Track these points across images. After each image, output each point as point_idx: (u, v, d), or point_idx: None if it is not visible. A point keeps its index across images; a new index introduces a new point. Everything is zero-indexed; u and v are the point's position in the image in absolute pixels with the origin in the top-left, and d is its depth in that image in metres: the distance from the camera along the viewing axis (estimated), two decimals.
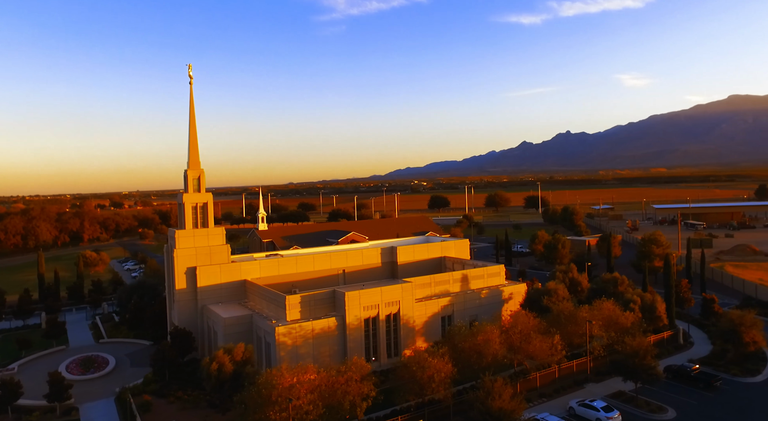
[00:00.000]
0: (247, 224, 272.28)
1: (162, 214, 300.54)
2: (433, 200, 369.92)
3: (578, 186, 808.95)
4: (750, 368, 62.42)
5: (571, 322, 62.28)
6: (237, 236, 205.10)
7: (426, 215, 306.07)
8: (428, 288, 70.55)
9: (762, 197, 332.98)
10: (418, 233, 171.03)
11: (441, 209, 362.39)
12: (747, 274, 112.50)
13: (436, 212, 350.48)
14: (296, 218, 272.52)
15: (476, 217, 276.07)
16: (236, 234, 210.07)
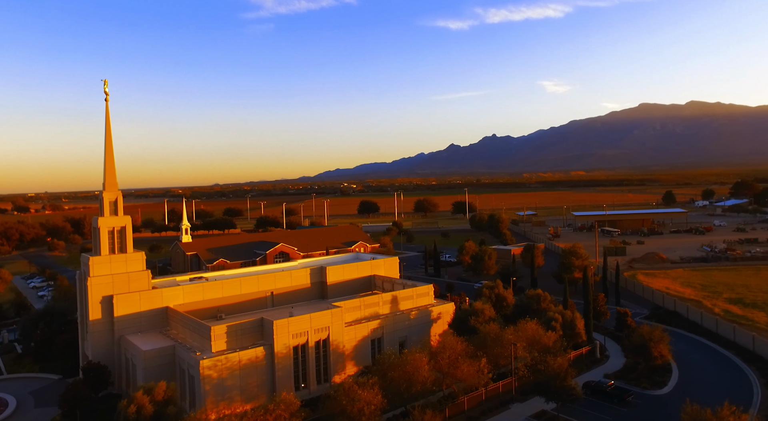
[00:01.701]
0: (169, 232, 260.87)
1: (74, 222, 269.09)
2: (363, 205, 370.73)
3: (504, 189, 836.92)
4: (657, 381, 66.56)
5: (497, 344, 63.95)
6: (159, 246, 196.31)
7: (356, 221, 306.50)
8: (358, 311, 70.20)
9: (669, 203, 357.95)
10: (348, 243, 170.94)
11: (371, 215, 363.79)
12: (655, 282, 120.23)
13: (366, 217, 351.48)
14: (222, 226, 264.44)
15: (405, 223, 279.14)
16: (158, 244, 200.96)
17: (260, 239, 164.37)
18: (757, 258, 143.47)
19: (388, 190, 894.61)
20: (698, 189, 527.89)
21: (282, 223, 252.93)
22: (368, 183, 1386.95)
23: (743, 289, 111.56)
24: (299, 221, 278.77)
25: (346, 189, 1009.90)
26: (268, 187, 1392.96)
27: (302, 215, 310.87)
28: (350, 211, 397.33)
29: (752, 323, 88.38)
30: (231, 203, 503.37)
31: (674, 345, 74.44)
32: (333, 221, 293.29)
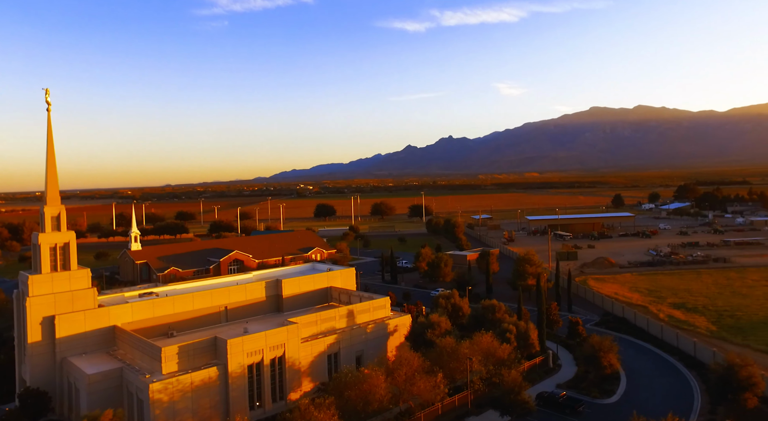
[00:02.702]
0: (117, 237, 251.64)
1: (12, 227, 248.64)
2: (319, 208, 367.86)
3: (460, 191, 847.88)
4: (607, 389, 68.42)
5: (454, 359, 64.39)
6: (106, 254, 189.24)
7: (312, 224, 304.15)
8: (314, 326, 69.34)
9: (618, 206, 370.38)
10: (304, 249, 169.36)
11: (327, 218, 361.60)
12: (605, 287, 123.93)
13: (323, 220, 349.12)
14: (174, 230, 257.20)
15: (362, 227, 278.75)
16: (105, 251, 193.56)
17: (214, 245, 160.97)
18: (699, 262, 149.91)
19: (345, 192, 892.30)
20: (645, 191, 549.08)
21: (237, 227, 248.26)
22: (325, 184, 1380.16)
23: (686, 293, 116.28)
24: (254, 225, 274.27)
25: (302, 191, 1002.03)
26: (223, 188, 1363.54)
27: (257, 219, 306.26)
28: (306, 214, 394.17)
29: (693, 328, 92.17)
30: (183, 205, 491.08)
31: (623, 352, 76.68)
32: (289, 225, 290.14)
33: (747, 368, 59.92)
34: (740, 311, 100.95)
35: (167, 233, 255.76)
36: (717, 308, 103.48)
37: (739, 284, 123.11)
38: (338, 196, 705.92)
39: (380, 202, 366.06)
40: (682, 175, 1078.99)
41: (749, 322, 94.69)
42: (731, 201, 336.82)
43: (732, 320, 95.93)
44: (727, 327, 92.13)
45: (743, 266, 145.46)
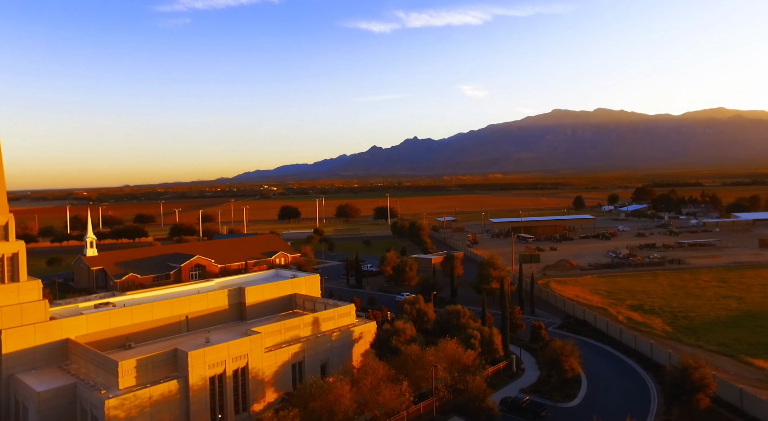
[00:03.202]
0: (72, 241, 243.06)
1: None
2: (284, 210, 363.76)
3: (425, 192, 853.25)
4: (569, 393, 69.58)
5: (419, 366, 64.33)
6: (59, 259, 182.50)
7: (276, 227, 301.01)
8: (278, 335, 68.21)
9: (579, 207, 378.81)
10: (268, 253, 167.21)
11: (291, 220, 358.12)
12: (567, 290, 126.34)
13: (287, 223, 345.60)
14: (132, 234, 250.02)
15: (327, 229, 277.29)
16: (58, 256, 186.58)
17: (174, 250, 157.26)
18: (655, 263, 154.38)
19: (309, 193, 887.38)
20: (605, 193, 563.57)
21: (199, 231, 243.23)
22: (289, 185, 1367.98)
23: (643, 295, 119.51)
24: (217, 228, 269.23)
25: (266, 192, 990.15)
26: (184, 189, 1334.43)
27: (220, 222, 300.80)
28: (270, 216, 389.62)
29: (650, 329, 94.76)
30: (143, 207, 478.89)
31: (584, 355, 78.14)
32: (253, 228, 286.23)
33: (700, 370, 61.74)
34: (693, 312, 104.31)
35: (125, 236, 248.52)
36: (672, 309, 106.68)
37: (692, 285, 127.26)
38: (303, 198, 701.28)
39: (345, 204, 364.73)
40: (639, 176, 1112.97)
41: (701, 322, 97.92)
42: (685, 203, 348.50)
43: (686, 321, 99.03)
44: (682, 328, 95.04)
45: (696, 267, 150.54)
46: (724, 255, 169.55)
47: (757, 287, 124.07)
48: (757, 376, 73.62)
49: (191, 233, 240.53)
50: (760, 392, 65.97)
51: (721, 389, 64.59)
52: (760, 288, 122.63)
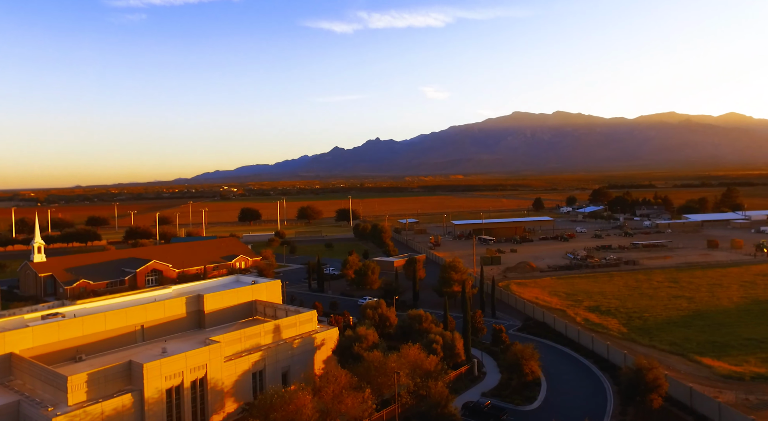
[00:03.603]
0: (17, 245, 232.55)
1: None
2: (244, 212, 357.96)
3: (387, 193, 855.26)
4: (529, 396, 70.58)
5: (381, 373, 64.10)
6: (4, 265, 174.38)
7: (236, 229, 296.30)
8: (238, 344, 66.78)
9: (538, 209, 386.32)
10: (228, 257, 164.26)
11: (252, 222, 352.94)
12: (527, 292, 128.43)
13: (247, 225, 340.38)
14: (84, 237, 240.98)
15: (288, 231, 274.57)
16: (2, 263, 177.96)
17: (130, 254, 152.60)
18: (611, 265, 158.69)
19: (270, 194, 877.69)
20: (563, 194, 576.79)
21: (155, 234, 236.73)
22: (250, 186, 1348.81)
23: (600, 296, 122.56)
24: (175, 231, 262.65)
25: (226, 193, 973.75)
26: (140, 189, 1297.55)
27: (178, 224, 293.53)
28: (230, 218, 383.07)
29: (606, 330, 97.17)
30: (96, 209, 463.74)
31: (544, 357, 79.43)
32: (212, 230, 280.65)
33: (653, 371, 63.76)
34: (647, 312, 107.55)
35: (77, 240, 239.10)
36: (627, 310, 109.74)
37: (646, 286, 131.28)
38: (263, 199, 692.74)
39: (307, 205, 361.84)
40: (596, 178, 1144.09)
41: (654, 323, 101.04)
42: (639, 204, 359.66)
43: (640, 321, 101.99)
44: (636, 328, 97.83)
45: (650, 267, 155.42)
46: (675, 256, 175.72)
47: (705, 287, 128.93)
48: (705, 374, 76.42)
49: (147, 236, 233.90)
50: (708, 390, 68.72)
51: (673, 388, 66.77)
52: (708, 288, 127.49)
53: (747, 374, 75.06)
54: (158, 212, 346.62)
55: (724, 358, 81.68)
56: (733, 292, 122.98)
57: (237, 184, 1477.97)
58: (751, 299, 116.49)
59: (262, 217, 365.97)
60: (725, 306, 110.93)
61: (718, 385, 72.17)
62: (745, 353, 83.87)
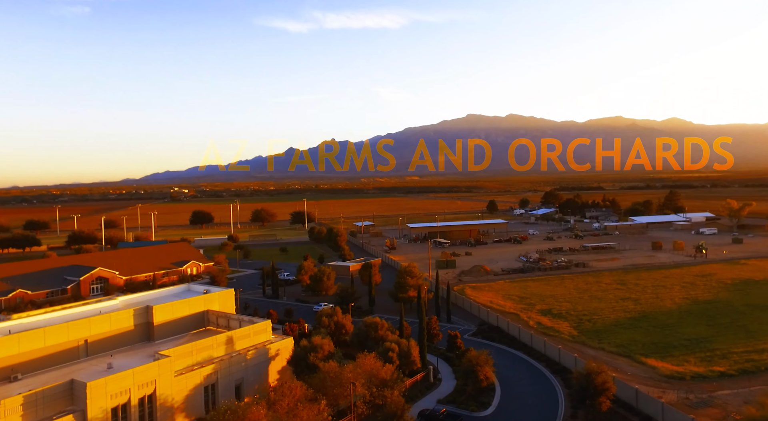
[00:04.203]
0: None
1: None
2: (195, 215, 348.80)
3: (342, 195, 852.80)
4: (483, 402, 71.36)
5: (337, 384, 63.47)
6: None
7: (188, 233, 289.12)
8: (190, 357, 64.79)
9: (492, 211, 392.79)
10: (179, 263, 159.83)
11: (204, 225, 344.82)
12: (482, 296, 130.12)
13: (199, 228, 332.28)
14: (22, 243, 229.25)
15: (242, 235, 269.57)
16: None
17: (73, 261, 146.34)
18: (563, 267, 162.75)
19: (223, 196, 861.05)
20: (516, 196, 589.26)
21: (101, 238, 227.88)
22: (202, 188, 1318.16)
23: (552, 299, 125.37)
24: (122, 235, 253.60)
25: (177, 194, 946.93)
26: (84, 191, 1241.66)
27: (125, 228, 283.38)
28: (181, 221, 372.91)
29: (558, 333, 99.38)
30: (35, 212, 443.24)
31: (498, 362, 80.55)
32: (162, 234, 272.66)
33: (602, 375, 65.65)
34: (596, 315, 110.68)
35: (13, 246, 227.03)
36: (578, 313, 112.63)
37: (595, 288, 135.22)
38: (216, 201, 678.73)
39: (261, 208, 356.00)
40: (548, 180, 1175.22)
41: (603, 325, 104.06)
42: (589, 207, 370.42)
43: (590, 324, 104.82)
44: (586, 331, 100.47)
45: (599, 270, 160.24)
46: (622, 257, 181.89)
47: (650, 288, 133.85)
48: (650, 374, 79.16)
49: (92, 241, 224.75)
50: (652, 390, 71.26)
51: (620, 390, 68.84)
52: (653, 289, 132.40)
53: (687, 374, 78.20)
54: (104, 214, 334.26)
55: (667, 358, 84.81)
56: (675, 293, 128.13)
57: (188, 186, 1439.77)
58: (692, 299, 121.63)
59: (215, 220, 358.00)
60: (668, 307, 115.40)
61: (662, 385, 74.87)
62: (686, 352, 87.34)
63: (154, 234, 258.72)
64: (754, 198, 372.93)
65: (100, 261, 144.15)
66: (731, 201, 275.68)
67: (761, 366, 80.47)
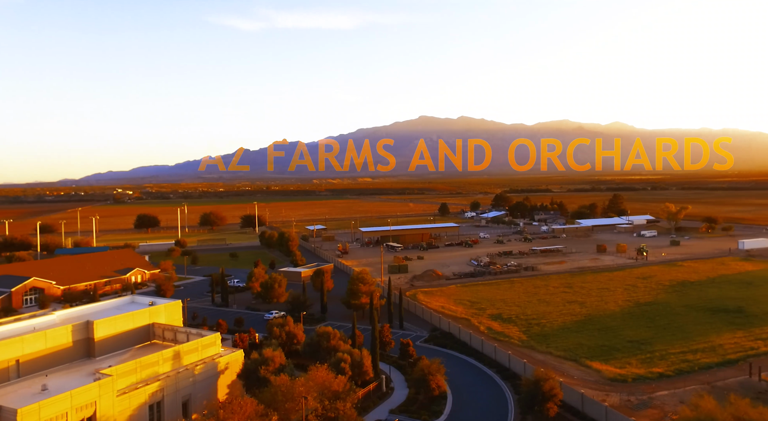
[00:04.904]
0: None
1: None
2: (140, 219, 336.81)
3: (294, 197, 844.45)
4: (435, 411, 71.71)
5: (289, 398, 62.38)
6: None
7: (132, 237, 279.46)
8: (134, 375, 62.15)
9: (444, 214, 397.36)
10: (122, 271, 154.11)
11: (150, 229, 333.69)
12: (433, 301, 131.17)
13: (144, 233, 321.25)
14: None
15: (190, 239, 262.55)
16: None
17: (4, 271, 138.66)
18: (512, 271, 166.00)
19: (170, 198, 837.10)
20: (468, 198, 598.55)
21: (36, 245, 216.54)
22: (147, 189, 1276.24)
23: (502, 303, 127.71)
24: (60, 241, 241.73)
25: (120, 196, 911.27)
26: (17, 192, 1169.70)
27: (63, 233, 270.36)
28: (125, 225, 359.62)
29: (508, 339, 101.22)
30: None
31: (450, 369, 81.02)
32: (104, 239, 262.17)
33: (549, 382, 67.37)
34: (544, 319, 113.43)
35: None
36: (527, 317, 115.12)
37: (543, 292, 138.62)
38: (163, 203, 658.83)
39: (210, 211, 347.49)
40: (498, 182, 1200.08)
41: (551, 329, 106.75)
42: (537, 210, 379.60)
43: (538, 328, 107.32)
44: (535, 335, 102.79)
45: (547, 273, 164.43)
46: (569, 260, 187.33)
47: (595, 291, 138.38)
48: (594, 378, 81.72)
49: (26, 247, 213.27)
50: (596, 394, 73.61)
51: (567, 395, 70.73)
52: (598, 292, 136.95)
53: (629, 376, 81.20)
54: (39, 218, 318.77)
55: (610, 361, 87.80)
56: (618, 295, 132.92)
57: (133, 187, 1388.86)
58: (633, 302, 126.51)
59: (161, 223, 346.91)
60: (612, 310, 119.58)
61: (606, 388, 77.40)
62: (628, 355, 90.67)
63: (95, 239, 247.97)
64: (690, 201, 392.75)
65: (35, 270, 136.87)
66: (669, 204, 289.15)
67: (695, 366, 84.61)
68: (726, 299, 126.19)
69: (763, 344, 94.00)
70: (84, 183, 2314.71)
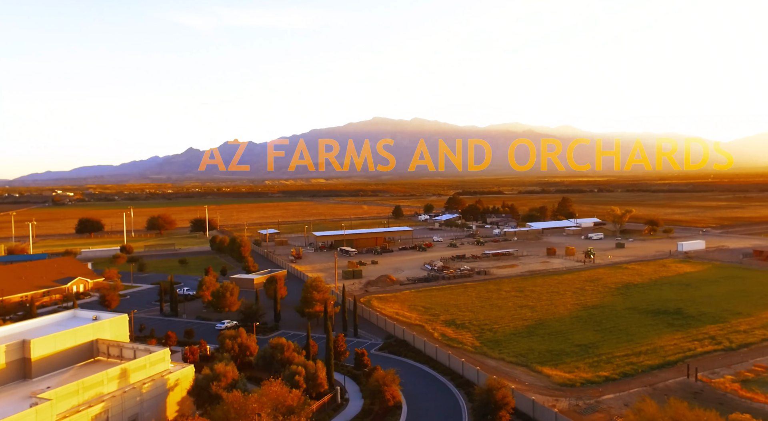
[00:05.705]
0: None
1: None
2: (83, 223, 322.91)
3: (246, 199, 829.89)
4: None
5: (242, 415, 60.89)
6: None
7: (74, 242, 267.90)
8: (75, 396, 59.47)
9: (398, 216, 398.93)
10: (63, 280, 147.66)
11: (93, 234, 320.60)
12: (388, 307, 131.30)
13: (87, 238, 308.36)
14: None
15: (136, 245, 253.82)
16: None
17: None
18: (465, 275, 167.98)
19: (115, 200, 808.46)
20: (421, 201, 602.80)
21: None
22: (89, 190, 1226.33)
23: (455, 309, 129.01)
24: None
25: (60, 198, 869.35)
26: None
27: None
28: (66, 229, 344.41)
29: (462, 345, 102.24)
30: None
31: (404, 379, 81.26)
32: (42, 246, 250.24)
33: (502, 390, 68.61)
34: (497, 324, 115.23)
35: None
36: (480, 322, 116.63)
37: (495, 297, 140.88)
38: (107, 205, 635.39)
39: (158, 215, 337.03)
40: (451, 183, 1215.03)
41: (503, 334, 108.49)
42: (490, 212, 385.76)
43: (491, 334, 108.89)
44: (487, 341, 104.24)
45: (499, 277, 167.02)
46: (520, 264, 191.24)
47: (545, 295, 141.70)
48: (545, 383, 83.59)
49: None
50: (546, 399, 75.31)
51: (519, 402, 72.10)
52: (548, 296, 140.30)
53: (578, 381, 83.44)
54: None
55: (560, 366, 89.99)
56: (567, 299, 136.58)
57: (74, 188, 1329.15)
58: (581, 305, 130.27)
59: (105, 228, 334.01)
60: (561, 314, 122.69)
61: (555, 393, 79.27)
62: (576, 359, 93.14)
63: (32, 246, 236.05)
64: (634, 203, 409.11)
65: None
66: (615, 207, 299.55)
67: (639, 369, 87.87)
68: (666, 301, 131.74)
69: (699, 345, 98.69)
70: (19, 183, 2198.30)
